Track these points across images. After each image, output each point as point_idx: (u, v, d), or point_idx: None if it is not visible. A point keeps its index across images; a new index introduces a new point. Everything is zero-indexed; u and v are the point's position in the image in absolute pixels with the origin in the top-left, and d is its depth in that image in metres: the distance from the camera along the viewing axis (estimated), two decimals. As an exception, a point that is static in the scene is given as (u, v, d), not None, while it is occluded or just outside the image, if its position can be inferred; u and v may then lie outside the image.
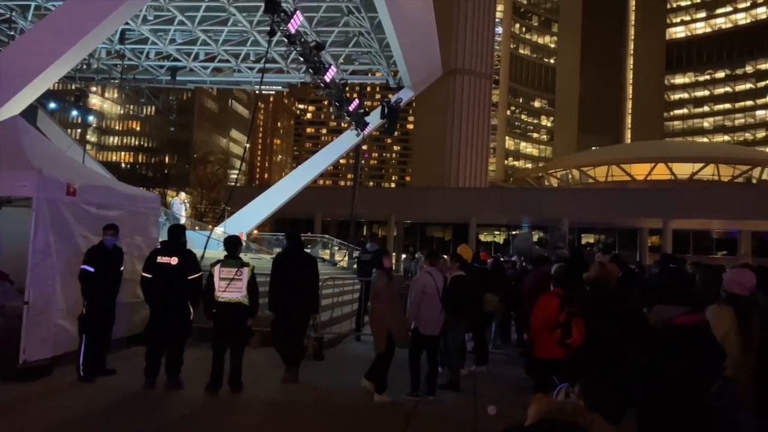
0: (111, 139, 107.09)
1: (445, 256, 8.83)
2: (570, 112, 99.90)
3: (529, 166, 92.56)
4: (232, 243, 6.72)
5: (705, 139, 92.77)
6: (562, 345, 4.99)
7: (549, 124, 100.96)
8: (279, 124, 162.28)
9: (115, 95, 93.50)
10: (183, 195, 19.76)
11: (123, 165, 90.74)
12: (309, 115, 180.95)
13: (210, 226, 23.32)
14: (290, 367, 6.99)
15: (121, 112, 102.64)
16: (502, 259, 12.79)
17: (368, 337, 9.16)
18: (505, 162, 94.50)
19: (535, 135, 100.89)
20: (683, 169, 55.39)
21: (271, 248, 25.17)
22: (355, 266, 24.19)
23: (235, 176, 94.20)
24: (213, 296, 6.43)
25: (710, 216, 36.56)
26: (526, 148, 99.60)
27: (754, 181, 55.43)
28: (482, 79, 72.39)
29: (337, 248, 27.05)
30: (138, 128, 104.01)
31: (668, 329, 3.03)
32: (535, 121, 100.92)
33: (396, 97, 24.89)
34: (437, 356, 7.07)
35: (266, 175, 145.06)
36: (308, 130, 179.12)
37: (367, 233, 42.10)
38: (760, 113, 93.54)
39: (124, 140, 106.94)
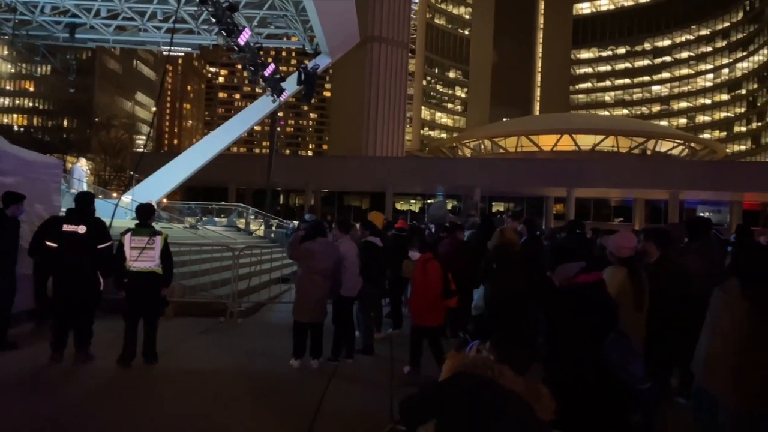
0: (1, 100, 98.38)
1: (357, 224, 9.00)
2: (483, 84, 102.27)
3: (444, 136, 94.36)
4: (144, 211, 6.49)
5: (606, 113, 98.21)
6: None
7: (463, 95, 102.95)
8: (189, 87, 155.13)
9: (6, 52, 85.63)
10: (83, 161, 18.60)
11: (16, 128, 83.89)
12: (221, 79, 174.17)
13: (115, 194, 22.24)
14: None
15: (13, 71, 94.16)
16: (422, 226, 13.09)
17: (285, 306, 9.23)
18: (421, 132, 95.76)
19: (449, 105, 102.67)
20: (586, 141, 58.58)
21: (182, 217, 24.39)
22: (272, 236, 24.05)
23: (142, 142, 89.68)
24: (123, 266, 6.21)
25: (609, 185, 39.08)
26: (441, 118, 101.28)
27: (649, 152, 59.54)
28: (399, 48, 72.52)
29: (253, 217, 26.56)
30: (32, 89, 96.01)
31: (569, 287, 3.30)
32: (450, 92, 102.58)
33: (313, 63, 24.46)
34: (353, 320, 7.27)
35: (176, 141, 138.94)
36: (221, 94, 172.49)
37: (307, 205, 41.49)
38: (655, 88, 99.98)
39: (17, 101, 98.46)
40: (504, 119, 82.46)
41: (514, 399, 2.28)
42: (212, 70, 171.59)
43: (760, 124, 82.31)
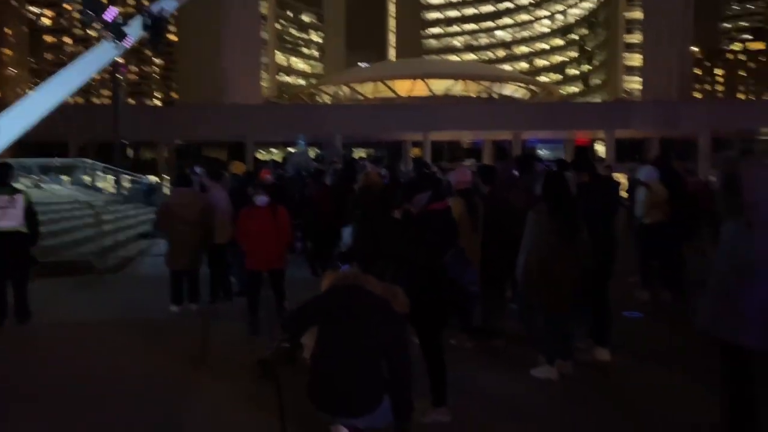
0: None
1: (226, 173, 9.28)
2: (338, 28, 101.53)
3: (302, 82, 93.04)
4: (2, 170, 6.28)
5: (457, 58, 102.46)
6: None
7: (319, 40, 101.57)
8: (7, 31, 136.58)
9: None
10: None
11: None
12: (47, 21, 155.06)
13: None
14: None
15: None
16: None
17: (155, 259, 9.30)
18: (278, 78, 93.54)
19: (305, 51, 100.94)
20: (439, 86, 61.15)
21: (24, 175, 22.43)
22: (125, 193, 22.92)
23: (-43, 94, 78.45)
24: (-16, 227, 6.05)
25: (460, 128, 41.65)
26: (298, 63, 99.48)
27: (495, 96, 63.63)
28: (249, -10, 69.60)
29: (102, 174, 24.92)
30: None
31: (423, 213, 4.06)
32: (306, 37, 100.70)
33: (158, 6, 23.02)
34: (227, 265, 7.65)
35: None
36: (47, 38, 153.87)
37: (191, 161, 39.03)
38: (499, 33, 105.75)
39: None
40: (360, 64, 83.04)
41: (377, 298, 3.01)
42: (34, 10, 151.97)
43: (590, 67, 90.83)
